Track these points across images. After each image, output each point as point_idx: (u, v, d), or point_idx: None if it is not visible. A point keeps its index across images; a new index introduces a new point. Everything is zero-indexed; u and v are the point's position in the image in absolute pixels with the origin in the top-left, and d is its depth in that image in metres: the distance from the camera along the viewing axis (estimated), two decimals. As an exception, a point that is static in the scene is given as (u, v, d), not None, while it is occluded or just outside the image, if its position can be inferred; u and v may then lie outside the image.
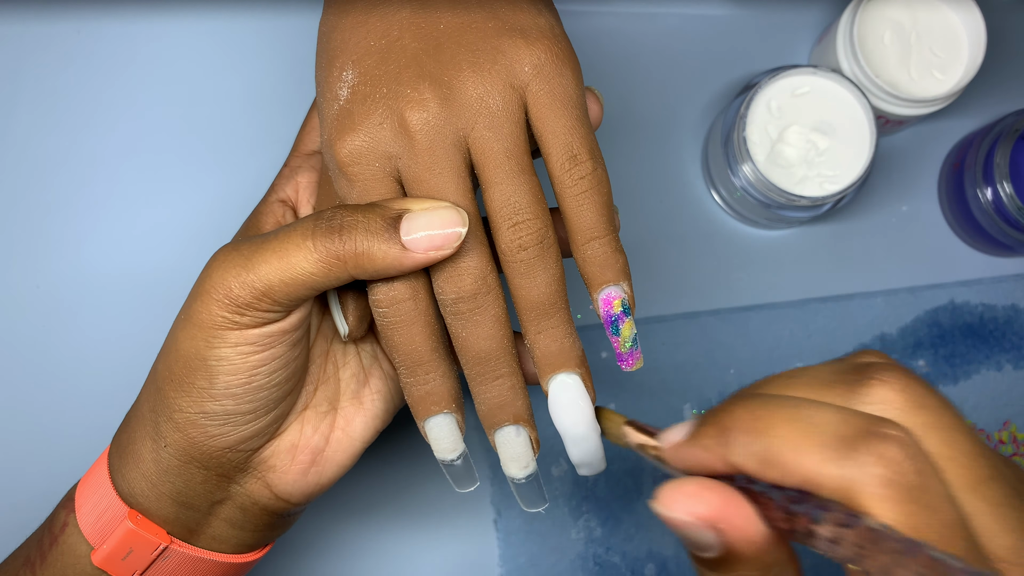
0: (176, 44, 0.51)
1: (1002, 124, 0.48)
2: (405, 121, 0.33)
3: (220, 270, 0.32)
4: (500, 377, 0.34)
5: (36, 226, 0.50)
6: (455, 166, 0.33)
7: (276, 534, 0.39)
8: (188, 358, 0.33)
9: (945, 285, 0.51)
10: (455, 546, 0.49)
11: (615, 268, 0.34)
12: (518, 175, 0.33)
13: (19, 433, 0.49)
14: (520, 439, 0.35)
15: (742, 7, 0.52)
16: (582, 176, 0.34)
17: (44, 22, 0.51)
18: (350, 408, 0.38)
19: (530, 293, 0.34)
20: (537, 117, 0.34)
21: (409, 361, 0.34)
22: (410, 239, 0.32)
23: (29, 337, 0.49)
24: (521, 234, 0.33)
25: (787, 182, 0.46)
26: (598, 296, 0.34)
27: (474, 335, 0.34)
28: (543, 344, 0.34)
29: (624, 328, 0.34)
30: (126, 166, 0.50)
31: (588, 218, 0.34)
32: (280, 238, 0.32)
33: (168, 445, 0.34)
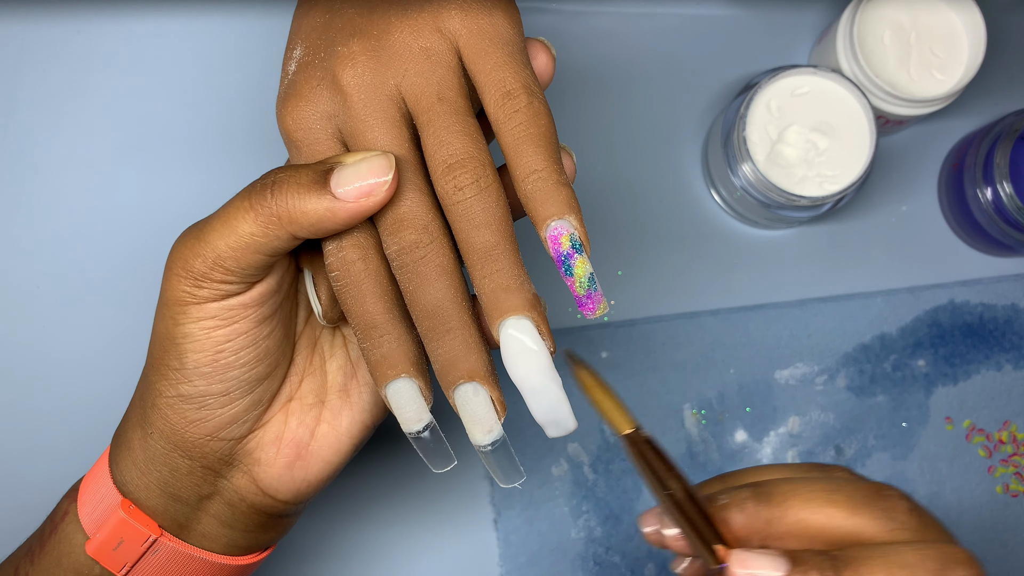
0: (176, 44, 0.51)
1: (1002, 124, 0.47)
2: (337, 79, 0.33)
3: (179, 246, 0.33)
4: (451, 331, 0.32)
5: (36, 226, 0.50)
6: (390, 117, 0.33)
7: (270, 538, 0.38)
8: (161, 339, 0.34)
9: (945, 285, 0.51)
10: (455, 546, 0.49)
11: (558, 200, 0.32)
12: (449, 116, 0.32)
13: (19, 433, 0.49)
14: (479, 399, 0.32)
15: (742, 7, 0.52)
16: (516, 110, 0.32)
17: (44, 22, 0.51)
18: (337, 401, 0.37)
19: (471, 236, 0.32)
20: (468, 58, 0.33)
21: (363, 324, 0.33)
22: (342, 191, 0.31)
23: (29, 337, 0.49)
24: (456, 175, 0.32)
25: (787, 182, 0.46)
26: (545, 233, 0.32)
27: (421, 288, 0.32)
28: (488, 289, 0.32)
29: (577, 266, 0.32)
30: (126, 166, 0.50)
31: (526, 152, 0.32)
32: (225, 207, 0.33)
33: (154, 432, 0.35)
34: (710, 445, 0.49)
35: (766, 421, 0.50)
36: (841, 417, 0.50)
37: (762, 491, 0.30)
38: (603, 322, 0.50)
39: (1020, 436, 0.50)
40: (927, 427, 0.50)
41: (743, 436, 0.50)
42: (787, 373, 0.50)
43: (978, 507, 0.49)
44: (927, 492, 0.49)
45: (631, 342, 0.50)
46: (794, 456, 0.49)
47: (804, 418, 0.50)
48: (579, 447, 0.49)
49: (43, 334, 0.49)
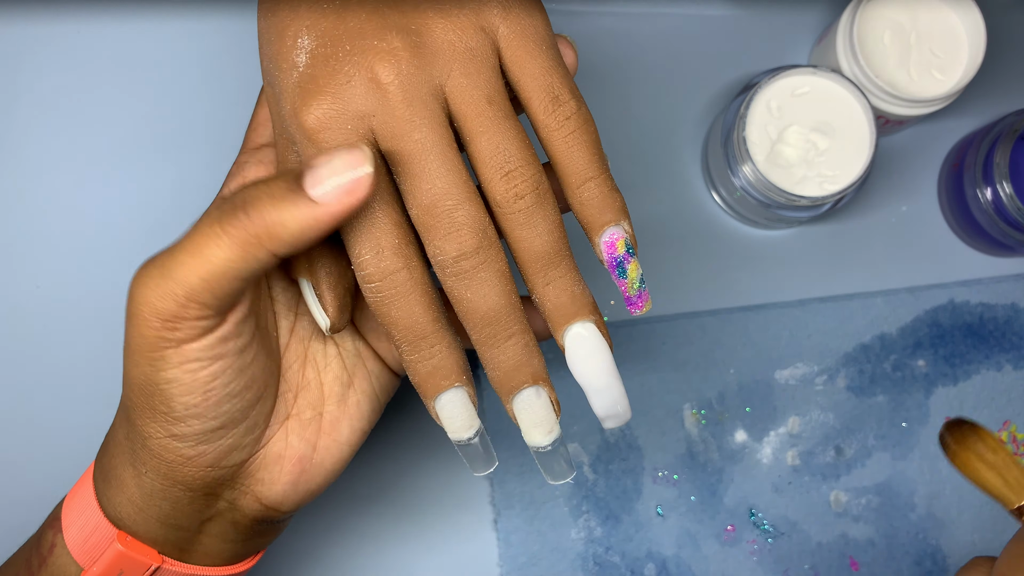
0: (176, 44, 0.51)
1: (1002, 124, 0.47)
2: (376, 75, 0.30)
3: (140, 287, 0.30)
4: (513, 336, 0.32)
5: (36, 226, 0.50)
6: (436, 117, 0.31)
7: (268, 540, 0.38)
8: (141, 385, 0.31)
9: (945, 285, 0.51)
10: (455, 546, 0.49)
11: (614, 208, 0.32)
12: (503, 120, 0.31)
13: (19, 433, 0.49)
14: (541, 401, 0.33)
15: (742, 7, 0.52)
16: (567, 116, 0.32)
17: (44, 22, 0.51)
18: (335, 412, 0.36)
19: (533, 244, 0.32)
20: (512, 60, 0.32)
21: (411, 336, 0.32)
22: (320, 192, 0.29)
23: (29, 337, 0.49)
24: (516, 182, 0.31)
25: (787, 182, 0.46)
26: (600, 239, 0.33)
27: (480, 294, 0.31)
28: (553, 296, 0.32)
29: (631, 269, 0.33)
30: (126, 166, 0.50)
31: (580, 159, 0.32)
32: (190, 235, 0.30)
33: (148, 471, 0.33)
34: (710, 445, 0.49)
35: (766, 421, 0.50)
36: (841, 417, 0.50)
37: None
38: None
39: (1020, 436, 0.50)
40: (927, 427, 0.50)
41: (743, 436, 0.50)
42: (787, 373, 0.50)
43: (978, 507, 0.49)
44: (927, 492, 0.49)
45: (631, 342, 0.50)
46: (794, 456, 0.49)
47: (804, 418, 0.50)
48: (579, 447, 0.49)
49: (43, 334, 0.49)
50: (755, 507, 0.49)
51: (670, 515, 0.49)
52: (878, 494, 0.49)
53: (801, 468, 0.49)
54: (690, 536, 0.49)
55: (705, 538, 0.49)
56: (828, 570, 0.49)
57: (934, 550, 0.49)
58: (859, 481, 0.49)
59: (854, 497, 0.49)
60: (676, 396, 0.50)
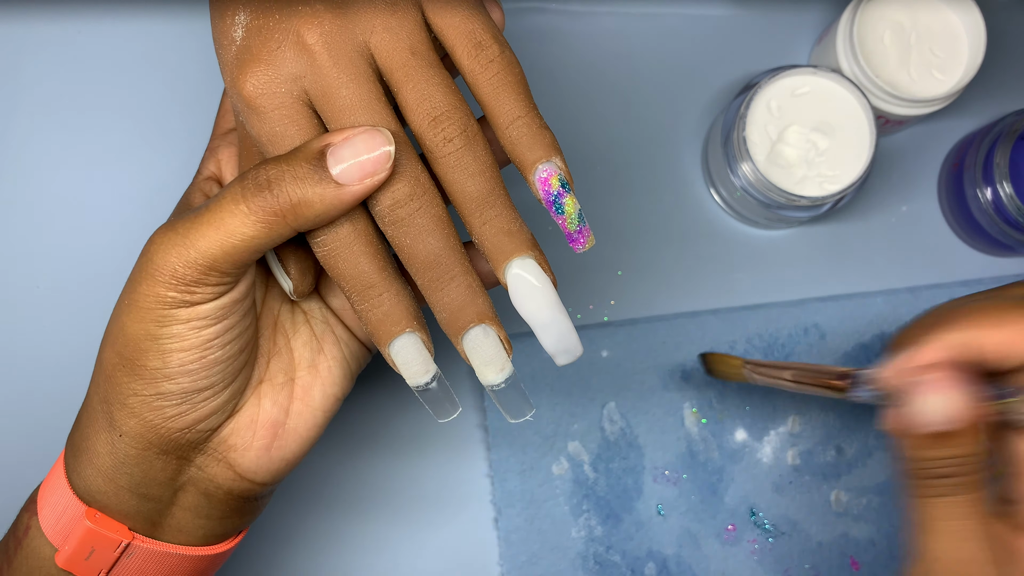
0: (176, 44, 0.51)
1: (1002, 124, 0.48)
2: (302, 38, 0.32)
3: (161, 252, 0.32)
4: (455, 278, 0.33)
5: (36, 226, 0.50)
6: (363, 73, 0.32)
7: (245, 521, 0.38)
8: (138, 339, 0.32)
9: (945, 285, 0.51)
10: (455, 545, 0.49)
11: (543, 144, 0.33)
12: (426, 69, 0.32)
13: (19, 433, 0.49)
14: (489, 339, 0.33)
15: (742, 7, 0.52)
16: (490, 60, 0.33)
17: (44, 22, 0.51)
18: (307, 377, 0.37)
19: (466, 186, 0.32)
20: (434, 12, 0.33)
21: (359, 286, 0.33)
22: (340, 171, 0.31)
23: (29, 337, 0.49)
24: (443, 126, 0.32)
25: (787, 182, 0.46)
26: (534, 177, 0.33)
27: (419, 240, 0.32)
28: (490, 235, 0.33)
29: (567, 204, 0.33)
30: (126, 166, 0.50)
31: (506, 100, 0.33)
32: (212, 209, 0.31)
33: (124, 434, 0.34)
34: (710, 444, 0.49)
35: (766, 420, 0.50)
36: (841, 416, 0.50)
37: None
38: (603, 322, 0.50)
39: (1020, 436, 0.50)
40: (927, 427, 0.50)
41: (743, 435, 0.50)
42: (787, 373, 0.50)
43: (978, 507, 0.49)
44: (927, 492, 0.49)
45: (631, 342, 0.50)
46: (794, 455, 0.49)
47: (804, 417, 0.50)
48: (580, 446, 0.49)
49: (43, 334, 0.49)
50: (756, 506, 0.49)
51: (671, 514, 0.49)
52: (879, 494, 0.49)
53: (802, 467, 0.49)
54: (691, 535, 0.49)
55: (706, 537, 0.49)
56: (829, 570, 0.49)
57: (934, 550, 0.49)
58: (860, 481, 0.49)
59: (855, 497, 0.49)
60: (676, 395, 0.50)
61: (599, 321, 0.50)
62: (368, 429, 0.49)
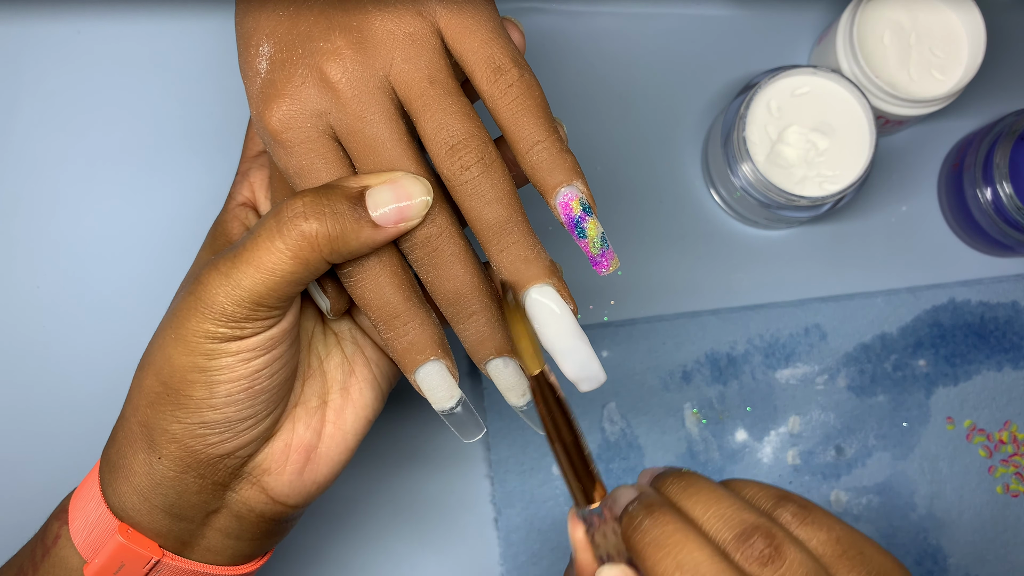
0: (176, 44, 0.51)
1: (1002, 124, 0.48)
2: (325, 75, 0.32)
3: (210, 291, 0.32)
4: (474, 314, 0.34)
5: (36, 226, 0.50)
6: (385, 109, 0.33)
7: (273, 542, 0.38)
8: (185, 371, 0.33)
9: (945, 285, 0.51)
10: (456, 545, 0.49)
11: (564, 168, 0.33)
12: (444, 98, 0.32)
13: (19, 433, 0.49)
14: (509, 369, 0.35)
15: (742, 7, 0.52)
16: (510, 84, 0.33)
17: (44, 22, 0.51)
18: (339, 400, 0.37)
19: (483, 214, 0.33)
20: (453, 38, 0.33)
21: (384, 315, 0.34)
22: (379, 214, 0.32)
23: (29, 337, 0.49)
24: (461, 155, 0.32)
25: (787, 182, 0.46)
26: (555, 201, 0.33)
27: (439, 277, 0.34)
28: (508, 262, 0.33)
29: (589, 228, 0.33)
30: (126, 166, 0.50)
31: (526, 124, 0.33)
32: (250, 247, 0.32)
33: (164, 456, 0.34)
34: (711, 445, 0.49)
35: (767, 421, 0.50)
36: (842, 417, 0.50)
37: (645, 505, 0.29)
38: (603, 322, 0.50)
39: (1020, 436, 0.50)
40: (928, 427, 0.50)
41: (743, 436, 0.50)
42: (787, 373, 0.50)
43: (978, 507, 0.49)
44: (927, 492, 0.49)
45: (631, 342, 0.50)
46: (794, 455, 0.49)
47: (805, 418, 0.50)
48: (579, 447, 0.49)
49: (43, 334, 0.49)
50: (755, 507, 0.49)
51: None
52: (878, 494, 0.49)
53: (802, 467, 0.49)
54: (690, 536, 0.49)
55: (705, 538, 0.49)
56: None
57: (934, 550, 0.49)
58: (859, 481, 0.49)
59: (854, 497, 0.49)
60: (676, 396, 0.50)
61: (599, 321, 0.50)
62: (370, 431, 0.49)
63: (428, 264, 0.34)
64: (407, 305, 0.34)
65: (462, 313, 0.34)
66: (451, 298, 0.34)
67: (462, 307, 0.34)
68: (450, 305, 0.34)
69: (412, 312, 0.34)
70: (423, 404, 0.49)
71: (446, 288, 0.34)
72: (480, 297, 0.34)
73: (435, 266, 0.33)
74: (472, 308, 0.34)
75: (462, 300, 0.34)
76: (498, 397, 0.48)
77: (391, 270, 0.33)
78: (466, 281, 0.34)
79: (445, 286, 0.34)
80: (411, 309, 0.34)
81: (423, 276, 0.34)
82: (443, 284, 0.34)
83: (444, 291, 0.34)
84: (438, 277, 0.34)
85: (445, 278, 0.33)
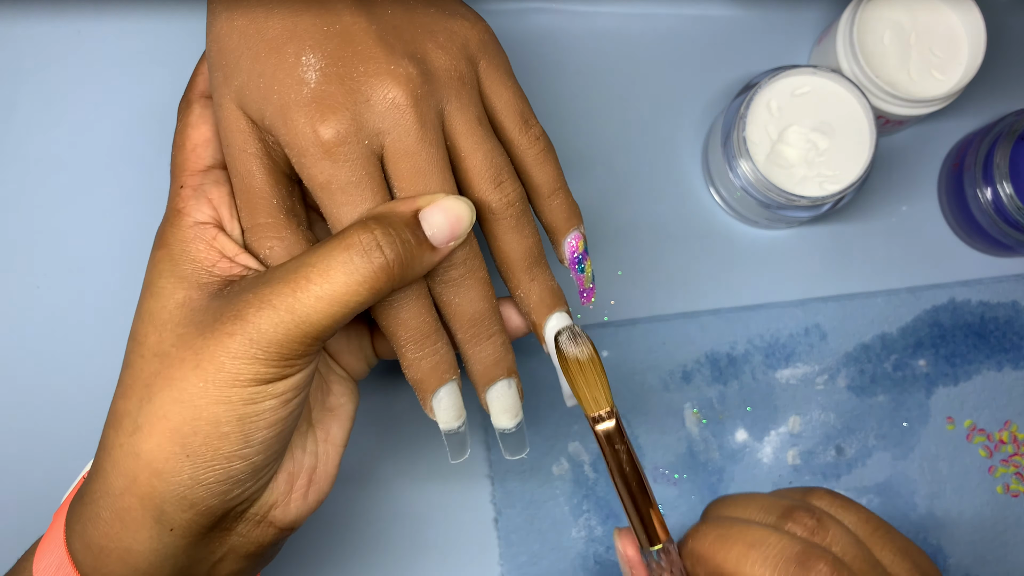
0: (176, 44, 0.51)
1: (1002, 124, 0.48)
2: (394, 97, 0.33)
3: (262, 328, 0.30)
4: (493, 335, 0.36)
5: (36, 226, 0.50)
6: (439, 139, 0.34)
7: (267, 563, 0.38)
8: (217, 423, 0.30)
9: (945, 285, 0.51)
10: (456, 545, 0.49)
11: (576, 215, 0.38)
12: (491, 139, 0.36)
13: (19, 433, 0.48)
14: (511, 391, 0.37)
15: (742, 7, 0.52)
16: (537, 137, 0.37)
17: (44, 22, 0.51)
18: (326, 418, 0.37)
19: (521, 245, 0.36)
20: (489, 88, 0.36)
21: (419, 335, 0.35)
22: (433, 236, 0.33)
23: (29, 337, 0.49)
24: (507, 191, 0.35)
25: (787, 182, 0.46)
26: (565, 240, 0.38)
27: (467, 298, 0.35)
28: (537, 290, 0.37)
29: (587, 266, 0.39)
30: (126, 165, 0.50)
31: (550, 174, 0.37)
32: (317, 280, 0.31)
33: (176, 527, 0.31)
34: (711, 445, 0.49)
35: (767, 421, 0.50)
36: (842, 417, 0.50)
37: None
38: (603, 322, 0.50)
39: (1021, 436, 0.50)
40: (928, 427, 0.50)
41: (744, 436, 0.50)
42: (787, 373, 0.50)
43: (978, 507, 0.49)
44: (928, 492, 0.49)
45: (631, 342, 0.50)
46: (794, 456, 0.49)
47: (805, 418, 0.50)
48: (580, 446, 0.49)
49: (43, 334, 0.49)
50: (755, 507, 0.49)
51: (671, 515, 0.49)
52: (878, 494, 0.49)
53: (802, 467, 0.49)
54: (690, 536, 0.49)
55: (705, 538, 0.49)
56: None
57: (934, 550, 0.49)
58: (859, 481, 0.49)
59: (854, 497, 0.49)
60: (676, 396, 0.50)
61: (599, 321, 0.50)
62: (368, 431, 0.49)
63: (460, 284, 0.35)
64: (437, 325, 0.35)
65: (483, 334, 0.36)
66: (476, 318, 0.36)
67: (482, 329, 0.36)
68: (473, 326, 0.36)
69: (439, 332, 0.36)
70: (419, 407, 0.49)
71: (473, 308, 0.36)
72: (498, 320, 0.37)
73: (468, 287, 0.35)
74: (493, 328, 0.36)
75: (483, 322, 0.36)
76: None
77: (424, 292, 0.35)
78: (489, 304, 0.36)
79: (473, 306, 0.35)
80: (439, 329, 0.36)
81: (448, 299, 0.35)
82: (471, 304, 0.35)
83: (470, 312, 0.36)
84: (467, 297, 0.35)
85: (474, 298, 0.35)
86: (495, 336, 0.36)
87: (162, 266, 0.34)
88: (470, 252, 0.35)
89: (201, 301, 0.32)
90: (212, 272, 0.33)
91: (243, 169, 0.35)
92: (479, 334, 0.36)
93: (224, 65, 0.35)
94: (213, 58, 0.35)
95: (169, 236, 0.34)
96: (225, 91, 0.35)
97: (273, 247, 0.34)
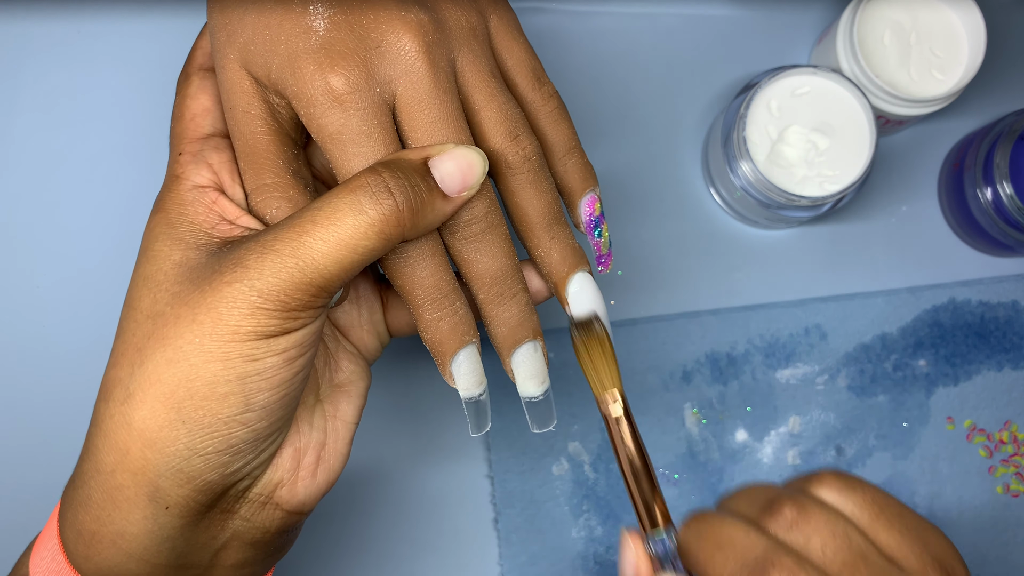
0: (176, 44, 0.51)
1: (1002, 124, 0.48)
2: (405, 44, 0.32)
3: (264, 275, 0.29)
4: (516, 294, 0.34)
5: (36, 226, 0.50)
6: (452, 88, 0.33)
7: (280, 556, 0.36)
8: (215, 383, 0.28)
9: (945, 285, 0.51)
10: (455, 545, 0.49)
11: (591, 174, 0.36)
12: (505, 92, 0.34)
13: (19, 433, 0.48)
14: (538, 354, 0.35)
15: (742, 7, 0.52)
16: (551, 94, 0.36)
17: (44, 22, 0.51)
18: (334, 394, 0.36)
19: (541, 201, 0.34)
20: (500, 44, 0.35)
21: (436, 294, 0.33)
22: (445, 184, 0.32)
23: (29, 337, 0.49)
24: (524, 144, 0.34)
25: (787, 182, 0.46)
26: (582, 201, 0.36)
27: (489, 255, 0.34)
28: (559, 249, 0.35)
29: (603, 230, 0.37)
30: (126, 165, 0.50)
31: (564, 132, 0.36)
32: (323, 223, 0.29)
33: (172, 505, 0.29)
34: (711, 445, 0.49)
35: (767, 421, 0.50)
36: (842, 417, 0.50)
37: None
38: (603, 322, 0.50)
39: (1021, 436, 0.50)
40: (928, 427, 0.50)
41: (744, 436, 0.50)
42: (788, 373, 0.50)
43: (978, 507, 0.49)
44: (927, 492, 0.49)
45: (631, 342, 0.50)
46: (794, 456, 0.49)
47: (805, 418, 0.50)
48: (580, 446, 0.49)
49: (43, 334, 0.49)
50: (755, 507, 0.49)
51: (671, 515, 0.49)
52: (878, 494, 0.49)
53: (802, 468, 0.49)
54: (690, 536, 0.49)
55: (705, 538, 0.49)
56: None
57: (935, 550, 0.49)
58: (859, 481, 0.49)
59: (854, 497, 0.49)
60: (676, 396, 0.50)
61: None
62: (368, 431, 0.49)
63: (481, 240, 0.33)
64: (455, 284, 0.33)
65: (506, 293, 0.34)
66: (499, 276, 0.34)
67: (505, 287, 0.34)
68: (496, 284, 0.34)
69: (458, 292, 0.34)
70: (423, 403, 0.49)
71: (497, 266, 0.34)
72: (521, 280, 0.35)
73: (489, 243, 0.33)
74: (515, 289, 0.34)
75: (507, 280, 0.34)
76: (496, 396, 0.48)
77: (440, 248, 0.33)
78: (512, 262, 0.34)
79: (496, 264, 0.34)
80: (456, 289, 0.34)
81: (468, 257, 0.34)
82: (493, 261, 0.34)
83: (493, 269, 0.34)
84: (489, 254, 0.34)
85: (497, 255, 0.34)
86: (519, 295, 0.34)
87: (159, 230, 0.33)
88: (490, 206, 0.33)
89: (199, 259, 0.31)
90: (211, 234, 0.32)
91: (247, 130, 0.33)
92: (503, 293, 0.34)
93: (227, 24, 0.33)
94: (216, 19, 0.34)
95: (167, 201, 0.33)
96: (229, 51, 0.33)
97: (280, 207, 0.33)
